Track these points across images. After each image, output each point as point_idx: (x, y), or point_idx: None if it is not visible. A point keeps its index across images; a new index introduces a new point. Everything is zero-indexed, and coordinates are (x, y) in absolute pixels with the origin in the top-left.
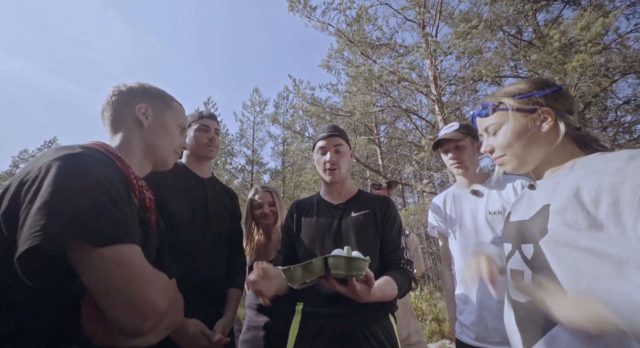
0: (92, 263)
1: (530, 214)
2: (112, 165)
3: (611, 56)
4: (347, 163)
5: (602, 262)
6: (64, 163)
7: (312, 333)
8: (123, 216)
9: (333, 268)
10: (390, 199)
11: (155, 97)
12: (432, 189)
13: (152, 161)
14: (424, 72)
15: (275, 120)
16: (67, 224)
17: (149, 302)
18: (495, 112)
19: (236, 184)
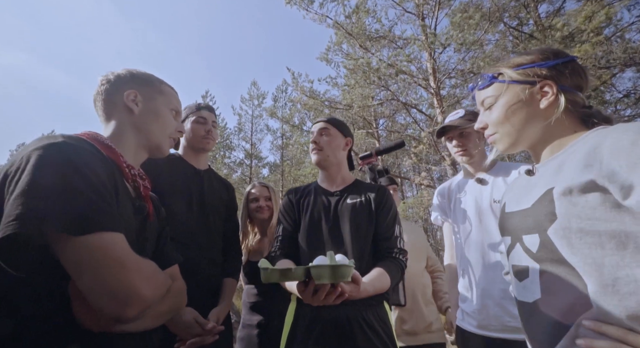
0: (72, 251)
1: (531, 202)
2: (96, 154)
3: (612, 48)
4: (334, 147)
5: (623, 245)
6: (44, 152)
7: (307, 322)
8: (104, 204)
9: (317, 278)
10: (387, 189)
11: (144, 82)
12: (430, 182)
13: (147, 148)
14: (423, 65)
15: (274, 114)
16: (43, 213)
17: (132, 289)
18: (493, 84)
19: (235, 178)
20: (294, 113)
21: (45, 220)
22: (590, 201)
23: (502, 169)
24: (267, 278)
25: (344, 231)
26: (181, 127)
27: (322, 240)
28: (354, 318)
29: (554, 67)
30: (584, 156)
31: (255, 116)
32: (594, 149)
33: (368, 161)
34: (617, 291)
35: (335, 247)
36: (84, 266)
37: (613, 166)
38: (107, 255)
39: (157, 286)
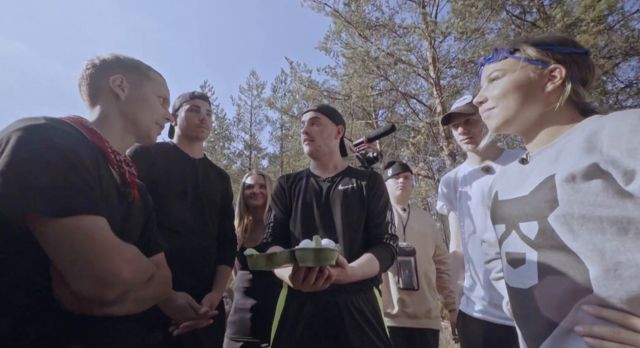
0: (52, 234)
1: (529, 189)
2: (80, 137)
3: (613, 37)
4: (326, 136)
5: (625, 231)
6: (24, 133)
7: (298, 307)
8: (86, 187)
9: (301, 261)
10: (379, 175)
11: (131, 68)
12: (428, 173)
13: (134, 134)
14: (423, 55)
15: (273, 104)
16: (22, 193)
17: (112, 271)
18: (506, 58)
19: (235, 169)
20: (293, 104)
21: (24, 201)
22: (592, 187)
23: (509, 157)
24: (254, 265)
25: (336, 217)
26: (168, 115)
27: (313, 226)
28: (343, 303)
29: (569, 55)
30: (584, 142)
31: (255, 106)
32: (594, 135)
33: (361, 148)
34: (618, 275)
35: (327, 233)
36: (63, 248)
37: (613, 153)
38: (88, 237)
39: (138, 270)
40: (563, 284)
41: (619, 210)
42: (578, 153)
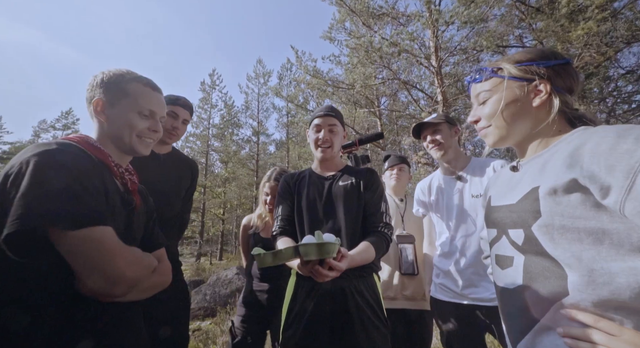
0: (69, 243)
1: (517, 198)
2: (85, 157)
3: (617, 24)
4: (339, 142)
5: (600, 241)
6: (40, 159)
7: (305, 292)
8: (94, 202)
9: (305, 255)
10: (375, 171)
11: (110, 86)
12: (428, 160)
13: (123, 151)
14: (425, 43)
15: (279, 93)
16: (42, 212)
17: (118, 272)
18: (491, 78)
19: (244, 154)
20: (298, 92)
21: (43, 218)
22: (572, 200)
23: (477, 166)
24: (262, 263)
25: (338, 210)
26: (155, 127)
27: (318, 220)
28: (347, 288)
29: (551, 67)
30: (567, 157)
31: (262, 94)
32: (576, 151)
33: (349, 150)
34: (592, 281)
35: (331, 225)
36: (78, 254)
37: (593, 168)
38: (97, 245)
39: (140, 268)
40: (544, 287)
41: (595, 222)
42: (560, 167)
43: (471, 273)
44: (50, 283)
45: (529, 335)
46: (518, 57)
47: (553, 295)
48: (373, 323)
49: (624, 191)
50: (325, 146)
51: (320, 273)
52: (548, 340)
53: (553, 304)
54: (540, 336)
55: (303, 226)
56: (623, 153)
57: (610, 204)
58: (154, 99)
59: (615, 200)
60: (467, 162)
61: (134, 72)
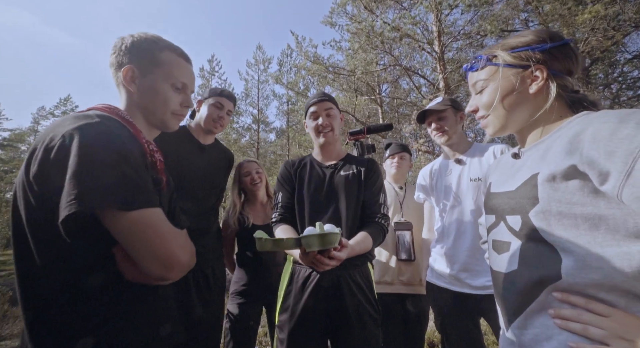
0: (124, 225)
1: (516, 185)
2: (127, 135)
3: (625, 7)
4: (338, 125)
5: (596, 227)
6: (85, 134)
7: (302, 279)
8: (145, 183)
9: (307, 246)
10: (375, 162)
11: (142, 54)
12: (429, 148)
13: (154, 126)
14: (428, 28)
15: (279, 80)
16: (99, 193)
17: (173, 256)
18: (486, 67)
19: (244, 142)
20: (299, 79)
21: (102, 199)
22: (570, 187)
23: (477, 150)
24: (262, 247)
25: (339, 200)
26: (187, 101)
27: (319, 209)
28: (342, 276)
29: (548, 51)
30: (567, 143)
31: (262, 81)
32: (577, 137)
33: (356, 137)
34: (587, 265)
35: (331, 215)
36: (134, 237)
37: (592, 154)
38: (152, 227)
39: (189, 252)
40: (538, 270)
41: (592, 208)
42: (560, 154)
43: (467, 257)
44: (93, 265)
45: (521, 316)
46: (513, 42)
47: (546, 278)
48: (366, 310)
49: (622, 176)
50: (326, 131)
51: (322, 262)
52: (539, 321)
53: (546, 287)
54: (532, 317)
55: (303, 214)
56: (623, 138)
57: (608, 190)
58: (187, 71)
59: (613, 186)
60: (468, 146)
61: (165, 40)
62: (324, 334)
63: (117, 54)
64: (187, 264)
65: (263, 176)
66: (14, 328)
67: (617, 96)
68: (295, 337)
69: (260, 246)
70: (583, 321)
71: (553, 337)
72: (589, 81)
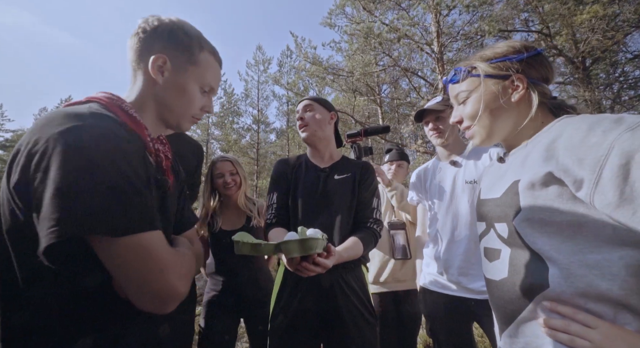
0: (112, 252)
1: (500, 192)
2: (124, 136)
3: (624, 8)
4: (320, 121)
5: (576, 234)
6: (71, 140)
7: (294, 283)
8: (141, 201)
9: (287, 252)
10: (371, 165)
11: (180, 46)
12: (428, 149)
13: (165, 123)
14: (427, 28)
15: (278, 81)
16: (83, 217)
17: (170, 288)
18: (467, 78)
19: (244, 143)
20: (298, 80)
21: (86, 225)
22: (550, 193)
23: (473, 152)
24: (239, 250)
25: (332, 205)
26: (208, 107)
27: (312, 213)
28: (335, 279)
29: (525, 60)
30: (544, 150)
31: (261, 82)
32: (552, 143)
33: (353, 140)
34: (571, 273)
35: (324, 219)
36: (124, 265)
37: (566, 162)
38: (147, 255)
39: (189, 278)
40: (527, 279)
41: (571, 215)
42: (538, 160)
43: (461, 261)
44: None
45: (512, 325)
46: (490, 53)
47: (535, 287)
48: (361, 314)
49: (592, 184)
50: (303, 127)
51: (307, 268)
52: (529, 330)
53: (535, 296)
54: (523, 326)
55: (297, 218)
56: (591, 145)
57: (582, 197)
58: (218, 76)
59: (586, 193)
60: (464, 148)
61: (205, 38)
62: (317, 337)
63: (149, 37)
64: (185, 294)
65: (239, 178)
66: None
67: (619, 96)
68: (287, 340)
69: (238, 250)
70: (570, 332)
71: (543, 346)
72: (589, 81)
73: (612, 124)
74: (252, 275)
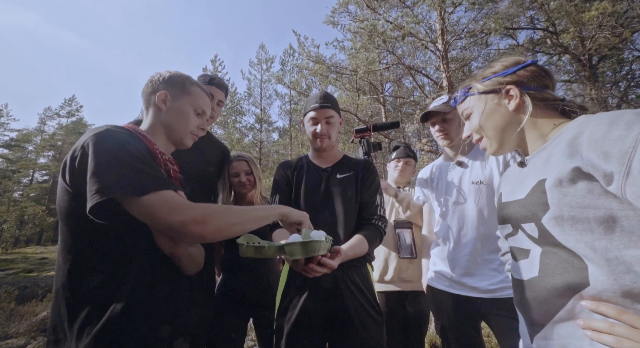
0: (140, 208)
1: (525, 192)
2: (136, 138)
3: (633, 4)
4: (336, 132)
5: (611, 230)
6: (97, 139)
7: (299, 281)
8: (152, 171)
9: (290, 254)
10: (372, 163)
11: (176, 84)
12: (432, 148)
13: (172, 141)
14: (432, 26)
15: (281, 80)
16: (113, 185)
17: (193, 219)
18: (467, 97)
19: (247, 142)
20: (301, 79)
21: (115, 189)
22: (579, 190)
23: (479, 153)
24: (243, 253)
25: (336, 204)
26: (203, 125)
27: (315, 212)
28: (340, 278)
29: (514, 74)
30: (567, 147)
31: (264, 81)
32: (575, 140)
33: (362, 135)
34: (612, 271)
35: (327, 219)
36: (152, 216)
37: (591, 157)
38: (166, 204)
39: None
40: (562, 278)
41: (604, 211)
42: (562, 158)
43: (468, 261)
44: (131, 241)
45: (547, 326)
46: (483, 74)
47: (573, 286)
48: (366, 311)
49: (622, 176)
50: (324, 139)
51: (312, 269)
52: (566, 331)
53: (573, 295)
54: (559, 327)
55: None
56: (615, 139)
57: (614, 190)
58: (207, 102)
59: (617, 186)
60: (470, 149)
61: (194, 80)
62: (323, 336)
63: (154, 83)
64: (202, 233)
65: (253, 178)
66: (20, 326)
67: (625, 94)
68: (293, 339)
69: (242, 252)
70: (616, 333)
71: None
72: (596, 79)
73: (634, 116)
74: (262, 274)
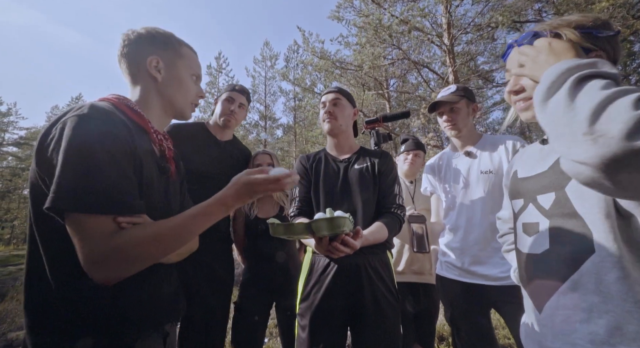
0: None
1: (549, 165)
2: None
3: None
4: (346, 116)
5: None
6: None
7: (322, 268)
8: (112, 182)
9: (316, 230)
10: (388, 154)
11: (165, 46)
12: (438, 142)
13: (171, 114)
14: (438, 20)
15: (286, 76)
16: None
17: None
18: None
19: (251, 139)
20: (306, 75)
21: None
22: None
23: (487, 142)
24: (274, 232)
25: (354, 193)
26: (201, 92)
27: (334, 203)
28: (361, 264)
29: (605, 38)
30: None
31: (269, 77)
32: None
33: (372, 126)
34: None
35: (346, 208)
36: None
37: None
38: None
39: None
40: (570, 246)
41: None
42: None
43: (478, 250)
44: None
45: (552, 298)
46: (579, 21)
47: (579, 254)
48: (386, 298)
49: None
50: (329, 119)
51: (337, 249)
52: (572, 302)
53: (580, 264)
54: (564, 299)
55: (320, 208)
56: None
57: None
58: (199, 65)
59: None
60: (478, 139)
61: (176, 36)
62: (344, 322)
63: (136, 42)
64: (103, 277)
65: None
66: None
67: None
68: (316, 324)
69: (273, 231)
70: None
71: (591, 320)
72: None
73: None
74: (284, 261)
